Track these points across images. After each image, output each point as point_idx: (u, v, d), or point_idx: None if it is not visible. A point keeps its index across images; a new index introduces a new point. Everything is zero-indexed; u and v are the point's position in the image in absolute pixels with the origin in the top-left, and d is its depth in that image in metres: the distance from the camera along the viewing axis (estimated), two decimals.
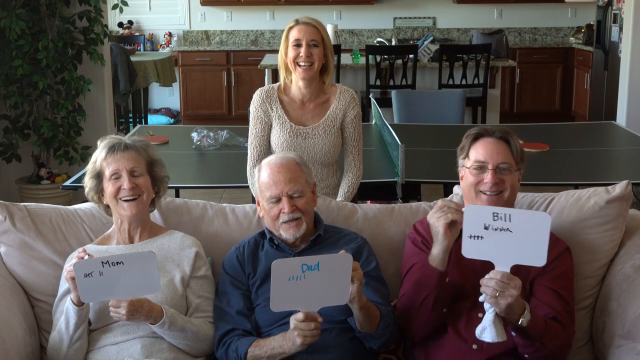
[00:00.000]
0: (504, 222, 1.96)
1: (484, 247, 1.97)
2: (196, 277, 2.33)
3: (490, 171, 2.22)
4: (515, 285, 1.96)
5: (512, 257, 1.97)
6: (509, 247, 1.96)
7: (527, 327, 2.01)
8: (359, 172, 3.09)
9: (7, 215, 2.44)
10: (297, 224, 2.29)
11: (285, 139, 2.98)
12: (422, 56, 6.87)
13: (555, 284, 2.17)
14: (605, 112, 7.55)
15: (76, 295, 2.10)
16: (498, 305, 1.96)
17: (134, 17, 9.13)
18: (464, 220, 2.00)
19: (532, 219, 1.97)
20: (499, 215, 1.96)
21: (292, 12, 8.12)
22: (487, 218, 1.97)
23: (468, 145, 2.30)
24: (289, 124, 2.98)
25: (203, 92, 8.79)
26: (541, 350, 2.08)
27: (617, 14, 7.21)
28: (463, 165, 2.32)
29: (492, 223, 1.96)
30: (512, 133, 2.30)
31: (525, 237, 1.95)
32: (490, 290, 1.95)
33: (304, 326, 2.00)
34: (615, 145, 4.58)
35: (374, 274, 2.30)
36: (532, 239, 1.95)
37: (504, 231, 1.96)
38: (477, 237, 1.97)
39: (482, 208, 2.04)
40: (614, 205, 2.38)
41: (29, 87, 5.03)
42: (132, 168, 2.29)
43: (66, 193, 5.15)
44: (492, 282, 1.95)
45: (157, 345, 2.18)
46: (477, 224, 1.97)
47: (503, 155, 2.24)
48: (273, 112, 2.99)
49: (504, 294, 1.94)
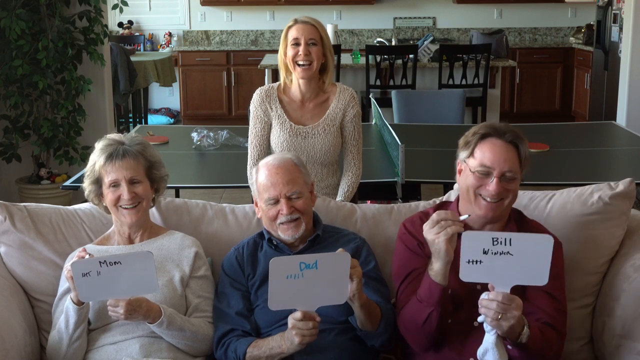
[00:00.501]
0: (504, 246, 1.89)
1: (483, 270, 1.91)
2: (196, 277, 2.33)
3: (495, 179, 2.08)
4: (516, 305, 1.90)
5: (512, 279, 1.92)
6: (509, 269, 1.90)
7: (526, 342, 1.97)
8: (359, 172, 3.08)
9: (7, 215, 2.44)
10: (296, 224, 2.28)
11: (285, 138, 2.97)
12: (422, 56, 6.87)
13: (548, 285, 2.09)
14: (605, 112, 7.55)
15: (76, 295, 2.10)
16: (500, 327, 1.91)
17: (134, 17, 9.13)
18: (462, 246, 1.92)
19: (533, 242, 1.91)
20: (498, 240, 1.89)
21: (292, 12, 8.11)
22: (487, 243, 1.90)
23: (475, 143, 2.14)
24: (288, 124, 2.98)
25: (203, 92, 8.79)
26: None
27: (617, 14, 7.20)
28: (464, 162, 2.17)
29: (491, 248, 1.90)
30: (522, 137, 2.16)
31: (527, 259, 1.89)
32: (492, 313, 1.90)
33: (302, 325, 1.99)
34: (615, 145, 4.58)
35: (373, 274, 2.30)
36: (533, 261, 1.90)
37: (504, 255, 1.90)
38: (476, 262, 1.91)
39: (480, 234, 1.97)
40: (617, 201, 2.37)
41: (29, 87, 5.03)
42: (131, 177, 2.28)
43: (66, 193, 5.15)
44: (493, 304, 1.89)
45: (156, 345, 2.18)
46: (475, 249, 1.90)
47: (510, 163, 2.10)
48: (273, 111, 2.99)
49: (506, 316, 1.89)
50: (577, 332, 2.38)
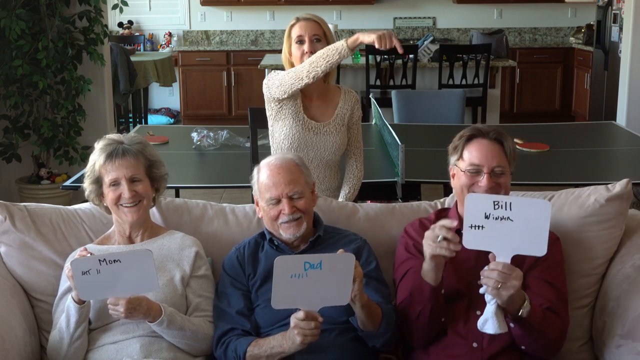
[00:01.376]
0: (504, 210, 1.96)
1: (485, 237, 1.97)
2: (196, 277, 2.33)
3: (485, 175, 2.21)
4: (516, 276, 1.96)
5: (512, 247, 1.97)
6: (510, 237, 1.96)
7: (527, 317, 2.02)
8: (361, 174, 3.08)
9: (7, 215, 2.44)
10: (297, 223, 2.29)
11: (298, 130, 2.92)
12: (422, 56, 6.87)
13: (548, 275, 2.18)
14: (605, 112, 7.56)
15: (77, 294, 2.10)
16: (500, 296, 1.96)
17: (134, 17, 9.13)
18: (465, 210, 1.99)
19: (532, 207, 1.97)
20: (499, 203, 1.96)
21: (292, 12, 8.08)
22: (488, 207, 1.97)
23: (462, 146, 2.28)
24: (302, 115, 2.93)
25: (203, 92, 8.79)
26: (539, 340, 2.09)
27: (617, 14, 7.21)
28: (455, 165, 2.30)
29: (492, 212, 1.96)
30: (505, 134, 2.28)
31: (526, 225, 1.95)
32: (492, 282, 1.95)
33: (304, 325, 1.99)
34: (615, 145, 4.58)
35: (374, 274, 2.30)
36: (532, 228, 1.95)
37: (505, 220, 1.96)
38: (478, 227, 1.97)
39: (482, 196, 2.04)
40: (614, 203, 2.38)
41: (29, 87, 5.03)
42: (131, 176, 2.28)
43: (66, 193, 5.15)
44: (493, 273, 1.95)
45: (157, 344, 2.18)
46: (478, 213, 1.97)
47: (498, 158, 2.22)
48: (291, 100, 2.91)
49: (506, 285, 1.94)
50: (576, 332, 2.38)
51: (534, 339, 2.09)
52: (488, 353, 2.14)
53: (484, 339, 2.14)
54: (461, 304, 2.20)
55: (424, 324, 2.15)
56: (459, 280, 2.20)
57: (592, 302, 2.41)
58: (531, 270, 2.18)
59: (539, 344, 2.10)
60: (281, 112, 2.94)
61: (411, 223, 2.39)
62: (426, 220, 2.37)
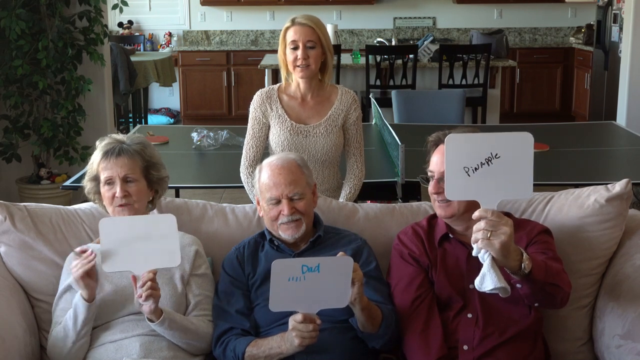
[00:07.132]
0: (485, 152, 1.84)
1: (469, 187, 1.85)
2: (196, 275, 2.33)
3: (434, 180, 2.24)
4: (506, 222, 1.83)
5: (498, 193, 1.85)
6: (493, 181, 1.84)
7: (530, 271, 1.91)
8: (361, 174, 3.08)
9: (7, 215, 2.44)
10: (296, 224, 2.29)
11: (286, 137, 2.96)
12: (422, 56, 6.87)
13: (542, 248, 2.15)
14: (605, 112, 7.55)
15: (86, 293, 2.10)
16: (492, 246, 1.81)
17: (134, 17, 9.13)
18: (446, 159, 1.85)
19: (514, 141, 1.88)
20: (477, 142, 1.85)
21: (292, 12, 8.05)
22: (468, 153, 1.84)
23: (428, 152, 2.33)
24: (289, 122, 2.97)
25: (203, 92, 8.79)
26: (555, 294, 2.01)
27: (617, 14, 7.21)
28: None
29: (472, 160, 1.84)
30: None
31: (510, 164, 1.85)
32: (481, 233, 1.82)
33: (303, 327, 2.00)
34: (615, 145, 4.58)
35: (374, 274, 2.30)
36: (517, 165, 1.86)
37: (485, 165, 1.84)
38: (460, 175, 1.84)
39: (462, 137, 1.89)
40: (613, 204, 2.38)
41: (29, 87, 5.03)
42: (125, 175, 2.28)
43: (66, 193, 5.15)
44: (482, 223, 1.82)
45: (156, 343, 2.18)
46: (458, 159, 1.84)
47: (442, 164, 2.17)
48: (272, 112, 2.99)
49: (497, 232, 1.81)
50: (576, 332, 2.38)
51: (547, 294, 2.00)
52: (478, 352, 2.12)
53: (474, 339, 2.13)
54: (453, 308, 2.19)
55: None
56: (451, 285, 2.20)
57: (592, 302, 2.41)
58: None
59: (558, 297, 2.03)
60: (267, 122, 3.01)
61: (404, 231, 2.37)
62: (418, 227, 2.36)
